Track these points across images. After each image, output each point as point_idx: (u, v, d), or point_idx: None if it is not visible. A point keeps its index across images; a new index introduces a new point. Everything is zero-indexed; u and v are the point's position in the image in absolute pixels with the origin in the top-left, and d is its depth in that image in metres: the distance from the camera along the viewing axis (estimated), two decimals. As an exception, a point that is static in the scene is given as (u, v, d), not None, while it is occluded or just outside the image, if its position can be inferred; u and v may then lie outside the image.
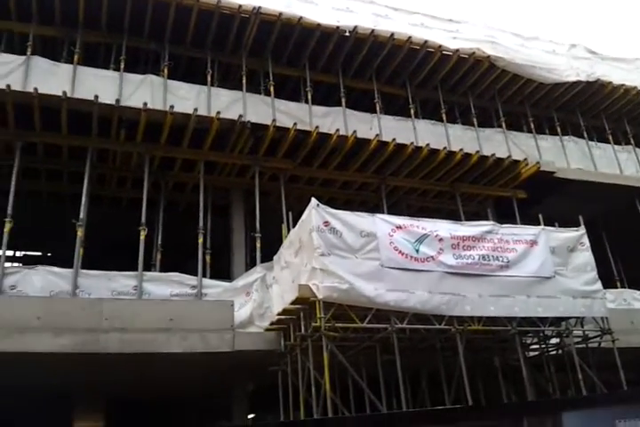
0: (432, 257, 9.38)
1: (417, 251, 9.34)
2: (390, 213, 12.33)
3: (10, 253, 10.38)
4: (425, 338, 9.93)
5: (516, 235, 10.25)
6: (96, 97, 10.77)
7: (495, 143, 14.72)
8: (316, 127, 12.31)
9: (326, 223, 9.06)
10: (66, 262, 10.52)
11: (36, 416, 11.60)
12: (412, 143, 13.00)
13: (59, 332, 9.05)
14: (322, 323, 8.44)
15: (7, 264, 10.60)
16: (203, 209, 11.91)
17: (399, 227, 9.47)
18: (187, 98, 12.21)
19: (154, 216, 12.22)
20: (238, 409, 11.27)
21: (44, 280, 10.02)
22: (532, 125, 15.98)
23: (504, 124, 15.32)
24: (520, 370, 9.94)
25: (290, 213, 10.67)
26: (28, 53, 11.70)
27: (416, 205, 14.66)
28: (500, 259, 9.85)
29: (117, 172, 12.66)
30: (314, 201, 9.26)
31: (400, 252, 9.21)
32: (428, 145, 13.09)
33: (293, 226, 10.21)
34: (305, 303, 8.91)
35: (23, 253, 16.47)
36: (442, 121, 14.57)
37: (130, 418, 11.29)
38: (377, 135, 12.80)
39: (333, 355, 8.55)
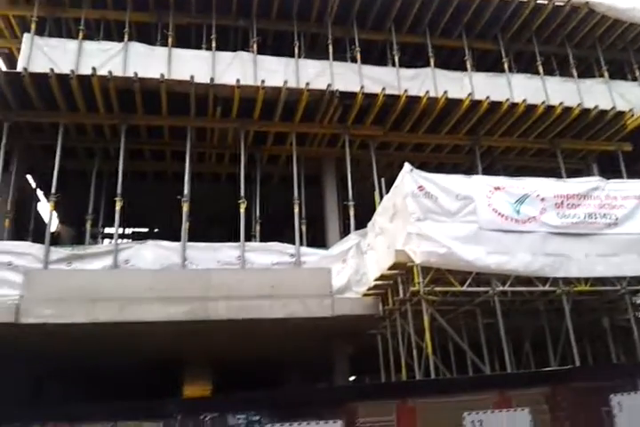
0: (534, 217, 8.88)
1: (517, 212, 8.87)
2: (485, 174, 11.78)
3: (120, 230, 10.92)
4: (528, 300, 9.50)
5: (625, 190, 9.49)
6: (192, 77, 10.96)
7: (597, 95, 13.57)
8: (405, 91, 11.89)
9: (421, 188, 8.78)
10: (172, 237, 10.95)
11: (150, 381, 12.32)
12: (506, 100, 12.26)
13: (170, 301, 9.47)
14: (420, 287, 8.27)
15: (119, 241, 11.16)
16: (296, 180, 11.94)
17: (497, 188, 9.01)
18: (276, 71, 12.16)
19: (251, 189, 12.43)
20: (339, 371, 11.39)
21: (154, 254, 10.47)
22: (638, 73, 14.62)
23: (606, 74, 14.11)
24: (629, 331, 9.34)
25: (382, 180, 10.46)
26: (126, 39, 12.06)
27: (513, 164, 13.94)
28: (608, 216, 9.17)
29: (215, 149, 12.94)
30: (407, 166, 8.98)
31: (499, 213, 8.78)
32: (524, 101, 12.30)
33: (386, 193, 10.00)
34: (402, 269, 8.75)
35: (132, 230, 17.34)
36: (538, 74, 13.62)
37: (235, 382, 11.71)
38: (469, 94, 12.17)
39: (433, 318, 8.39)
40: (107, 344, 10.41)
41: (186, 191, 11.07)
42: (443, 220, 8.74)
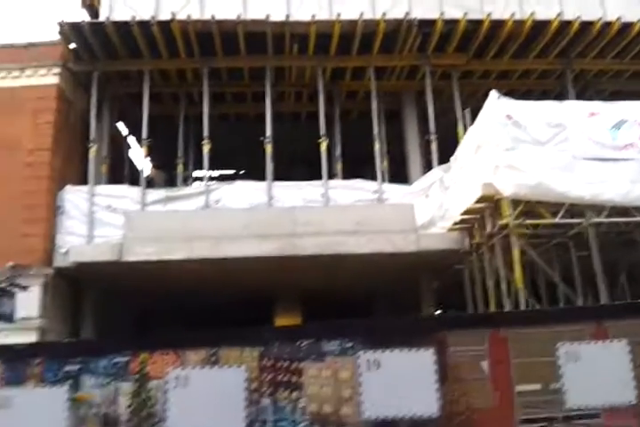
0: (632, 144, 8.23)
1: (614, 138, 8.25)
2: (578, 100, 11.00)
3: (208, 173, 11.20)
4: (624, 232, 9.00)
5: None
6: (267, 16, 10.73)
7: None
8: (488, 15, 11.09)
9: (508, 116, 8.30)
10: (257, 178, 11.10)
11: (243, 315, 12.85)
12: (599, 19, 11.21)
13: (260, 239, 9.72)
14: (510, 221, 7.99)
15: (209, 182, 11.45)
16: (376, 116, 11.66)
17: (592, 113, 8.37)
18: (351, 3, 11.65)
19: (331, 127, 12.27)
20: (425, 306, 11.44)
21: (242, 194, 10.71)
22: None
23: None
24: None
25: (465, 112, 9.99)
26: (201, -19, 11.88)
27: (607, 89, 12.91)
28: None
29: (294, 87, 12.79)
30: (493, 94, 8.48)
31: (594, 141, 8.20)
32: (619, 19, 11.20)
33: (470, 125, 9.57)
34: (489, 202, 8.45)
35: (219, 172, 17.75)
36: (632, -12, 12.31)
37: (323, 315, 12.02)
38: (558, 15, 11.20)
39: (523, 252, 8.13)
40: (202, 280, 10.92)
41: (268, 132, 11.11)
42: (533, 149, 8.28)
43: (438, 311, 12.82)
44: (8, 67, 11.01)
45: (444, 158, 10.81)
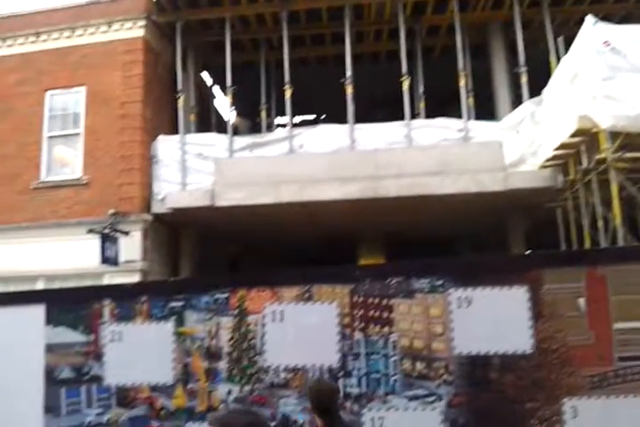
0: None
1: None
2: (686, 22, 9.88)
3: (290, 118, 11.15)
4: None
5: None
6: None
7: None
8: None
9: (606, 43, 7.60)
10: (338, 121, 10.95)
11: (329, 257, 13.04)
12: None
13: (343, 182, 9.70)
14: (608, 154, 7.47)
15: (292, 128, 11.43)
16: (460, 50, 11.05)
17: None
18: None
19: (412, 65, 11.79)
20: (513, 246, 11.12)
21: (324, 137, 10.63)
22: None
23: None
24: None
25: (557, 41, 9.25)
26: None
27: None
28: None
29: (373, 25, 12.29)
30: (589, 19, 7.78)
31: None
32: None
33: (563, 55, 8.86)
34: (586, 135, 7.91)
35: (301, 118, 17.67)
36: None
37: (406, 256, 11.96)
38: None
39: (622, 187, 7.62)
40: (289, 223, 11.15)
41: (348, 73, 10.83)
42: (633, 78, 7.59)
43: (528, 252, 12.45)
44: (97, 22, 11.28)
45: (535, 92, 10.16)
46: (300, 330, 5.50)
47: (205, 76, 13.72)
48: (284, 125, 12.11)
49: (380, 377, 5.26)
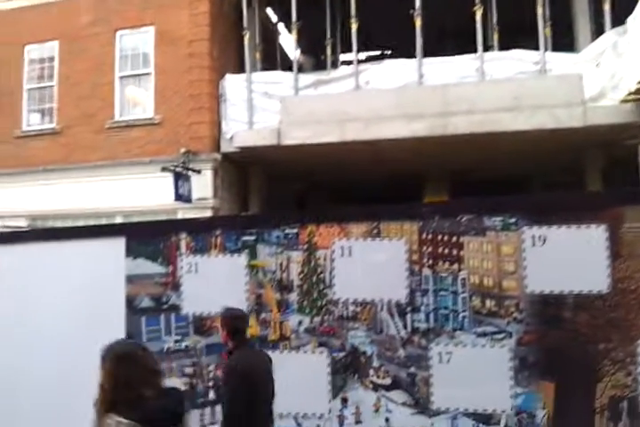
0: None
1: None
2: None
3: (356, 55, 10.69)
4: None
5: None
6: None
7: None
8: None
9: None
10: (406, 57, 10.43)
11: (393, 195, 12.83)
12: None
13: (410, 118, 9.36)
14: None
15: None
16: (539, -25, 10.12)
17: None
18: None
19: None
20: (591, 186, 10.56)
21: (391, 73, 10.19)
22: None
23: None
24: None
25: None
26: None
27: None
28: None
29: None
30: None
31: None
32: None
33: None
34: (676, 65, 7.21)
35: (366, 54, 17.01)
36: None
37: (472, 196, 11.60)
38: None
39: None
40: (354, 162, 10.98)
41: (417, 4, 10.20)
42: None
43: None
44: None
45: (618, 21, 9.28)
46: (369, 265, 5.49)
47: (270, 12, 13.31)
48: (349, 62, 11.66)
49: (448, 313, 5.22)
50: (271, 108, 10.13)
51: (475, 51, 9.93)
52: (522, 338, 4.95)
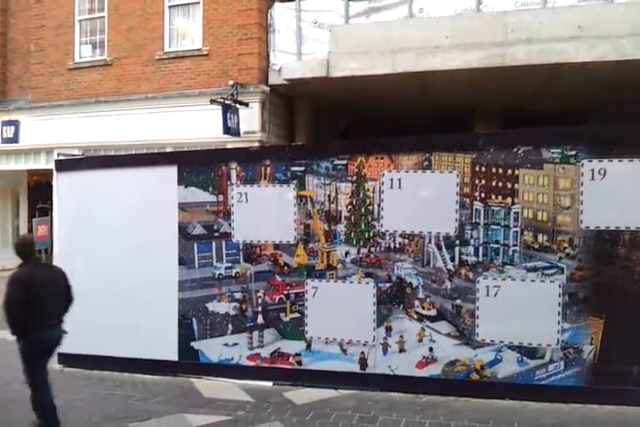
0: None
1: None
2: None
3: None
4: None
5: None
6: None
7: None
8: None
9: None
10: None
11: (443, 129, 12.35)
12: None
13: (466, 48, 8.79)
14: None
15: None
16: None
17: None
18: None
19: None
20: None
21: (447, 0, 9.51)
22: None
23: None
24: None
25: None
26: None
27: None
28: None
29: None
30: None
31: None
32: None
33: None
34: None
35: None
36: None
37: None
38: None
39: None
40: (404, 96, 10.53)
41: None
42: None
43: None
44: None
45: None
46: (418, 198, 5.34)
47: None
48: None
49: (498, 247, 5.07)
50: (321, 38, 9.67)
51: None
52: (573, 274, 4.79)
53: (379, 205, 5.42)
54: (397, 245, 5.36)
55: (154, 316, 5.74)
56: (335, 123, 12.74)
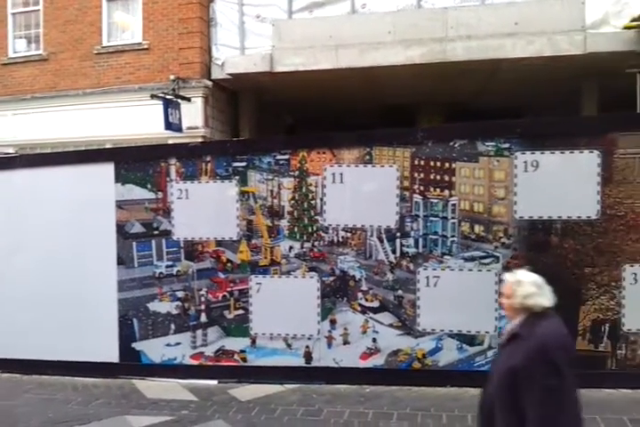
0: None
1: None
2: None
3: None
4: None
5: None
6: None
7: None
8: None
9: None
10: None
11: (387, 125, 12.51)
12: None
13: (409, 44, 8.95)
14: None
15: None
16: None
17: None
18: None
19: None
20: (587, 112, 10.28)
21: (388, -4, 9.65)
22: None
23: None
24: None
25: None
26: None
27: None
28: None
29: None
30: None
31: None
32: None
33: None
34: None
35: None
36: None
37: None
38: None
39: None
40: (348, 92, 10.62)
41: None
42: None
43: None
44: None
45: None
46: (360, 192, 5.42)
47: None
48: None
49: (437, 238, 5.21)
50: (264, 32, 9.65)
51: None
52: (509, 263, 4.97)
53: (321, 200, 5.47)
54: (340, 239, 5.43)
55: (93, 317, 5.62)
56: (281, 118, 12.73)
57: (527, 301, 2.43)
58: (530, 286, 2.45)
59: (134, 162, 5.77)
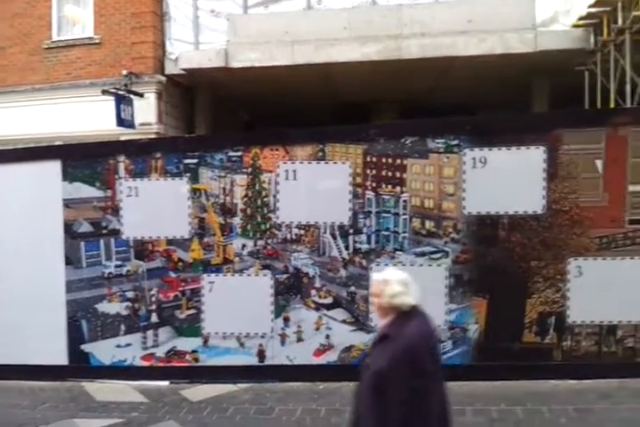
0: None
1: None
2: None
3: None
4: None
5: None
6: None
7: None
8: None
9: None
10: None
11: (341, 122, 12.54)
12: None
13: (364, 41, 8.99)
14: (648, 9, 6.70)
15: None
16: None
17: None
18: None
19: None
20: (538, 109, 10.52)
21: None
22: None
23: None
24: None
25: None
26: None
27: None
28: None
29: None
30: None
31: None
32: None
33: None
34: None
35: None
36: None
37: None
38: None
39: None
40: (304, 88, 10.59)
41: None
42: None
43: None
44: None
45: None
46: (313, 189, 5.41)
47: None
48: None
49: (389, 234, 5.26)
50: (219, 27, 9.54)
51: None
52: (458, 257, 5.06)
53: (274, 197, 5.44)
54: (294, 236, 5.42)
55: (40, 319, 5.46)
56: (238, 115, 12.62)
57: (394, 300, 2.42)
58: (396, 285, 2.43)
59: (82, 159, 5.63)
